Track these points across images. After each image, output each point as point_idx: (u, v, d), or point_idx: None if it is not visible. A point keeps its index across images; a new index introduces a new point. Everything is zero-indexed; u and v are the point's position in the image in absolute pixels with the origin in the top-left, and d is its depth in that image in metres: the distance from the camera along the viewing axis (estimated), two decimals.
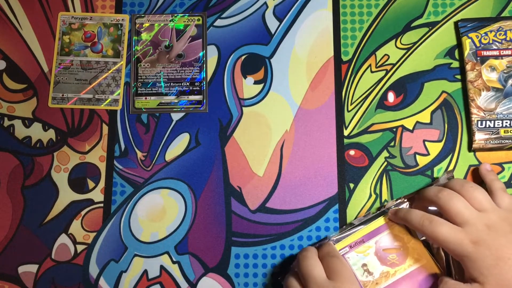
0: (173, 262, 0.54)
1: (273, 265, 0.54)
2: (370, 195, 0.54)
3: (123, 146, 0.56)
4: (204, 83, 0.57)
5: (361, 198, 0.54)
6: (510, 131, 0.53)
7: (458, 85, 0.56)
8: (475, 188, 0.45)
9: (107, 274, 0.54)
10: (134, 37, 0.58)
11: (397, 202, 0.51)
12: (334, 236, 0.49)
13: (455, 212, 0.43)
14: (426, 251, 0.48)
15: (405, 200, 0.51)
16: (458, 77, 0.56)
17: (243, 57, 0.57)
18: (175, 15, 0.58)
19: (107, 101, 0.57)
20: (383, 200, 0.54)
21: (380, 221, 0.49)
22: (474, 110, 0.54)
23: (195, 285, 0.53)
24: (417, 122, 0.56)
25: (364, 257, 0.47)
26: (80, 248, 0.54)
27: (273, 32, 0.58)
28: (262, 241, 0.54)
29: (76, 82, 0.57)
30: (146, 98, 0.56)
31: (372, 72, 0.57)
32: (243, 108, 0.56)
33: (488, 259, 0.41)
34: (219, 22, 0.58)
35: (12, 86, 0.57)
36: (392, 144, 0.55)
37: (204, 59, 0.57)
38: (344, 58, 0.57)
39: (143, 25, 0.58)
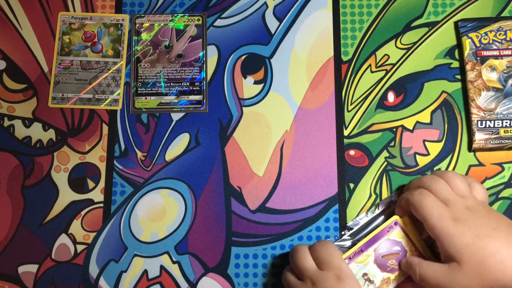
0: (173, 262, 0.54)
1: (273, 265, 0.54)
2: (370, 195, 0.54)
3: (123, 146, 0.56)
4: (204, 83, 0.57)
5: (361, 198, 0.54)
6: (510, 131, 0.53)
7: (458, 85, 0.56)
8: (456, 175, 0.47)
9: (107, 274, 0.54)
10: (134, 37, 0.58)
11: (386, 198, 0.52)
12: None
13: (437, 193, 0.44)
14: (427, 251, 0.48)
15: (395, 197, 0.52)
16: (458, 77, 0.56)
17: (243, 57, 0.57)
18: (175, 15, 0.58)
19: (107, 101, 0.57)
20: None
21: (377, 229, 0.49)
22: (474, 110, 0.54)
23: (195, 285, 0.53)
24: (417, 122, 0.56)
25: (364, 266, 0.47)
26: (80, 248, 0.54)
27: (273, 32, 0.58)
28: (262, 241, 0.54)
29: (76, 82, 0.57)
30: (146, 98, 0.57)
31: (372, 72, 0.57)
32: (243, 108, 0.56)
33: (466, 236, 0.41)
34: (219, 22, 0.58)
35: (12, 86, 0.57)
36: (392, 144, 0.55)
37: (204, 59, 0.57)
38: (344, 58, 0.57)
39: (143, 25, 0.58)
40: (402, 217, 0.49)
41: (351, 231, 0.51)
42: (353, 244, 0.49)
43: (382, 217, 0.52)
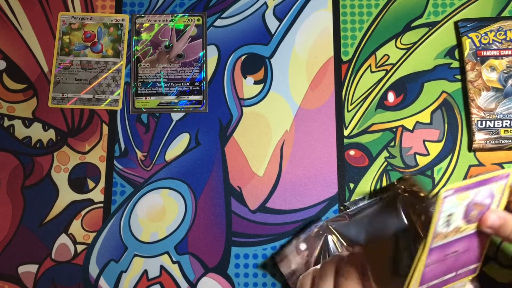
0: (173, 262, 0.54)
1: (273, 265, 0.54)
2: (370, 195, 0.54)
3: (123, 146, 0.56)
4: (204, 83, 0.57)
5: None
6: (510, 131, 0.53)
7: (458, 85, 0.56)
8: None
9: (107, 274, 0.54)
10: (134, 37, 0.58)
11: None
12: (329, 221, 0.49)
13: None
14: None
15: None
16: (458, 77, 0.56)
17: (243, 57, 0.57)
18: (175, 15, 0.58)
19: (107, 101, 0.57)
20: None
21: (490, 174, 0.43)
22: (474, 110, 0.54)
23: (195, 285, 0.53)
24: (417, 122, 0.56)
25: (457, 205, 0.43)
26: (80, 248, 0.54)
27: (273, 32, 0.58)
28: (262, 241, 0.54)
29: (76, 82, 0.57)
30: (146, 98, 0.57)
31: (372, 72, 0.57)
32: (243, 108, 0.56)
33: None
34: (219, 22, 0.58)
35: (12, 86, 0.57)
36: (392, 144, 0.55)
37: (204, 59, 0.57)
38: (344, 58, 0.57)
39: (143, 25, 0.58)
40: None
41: (348, 211, 0.50)
42: (350, 222, 0.49)
43: (381, 203, 0.50)
